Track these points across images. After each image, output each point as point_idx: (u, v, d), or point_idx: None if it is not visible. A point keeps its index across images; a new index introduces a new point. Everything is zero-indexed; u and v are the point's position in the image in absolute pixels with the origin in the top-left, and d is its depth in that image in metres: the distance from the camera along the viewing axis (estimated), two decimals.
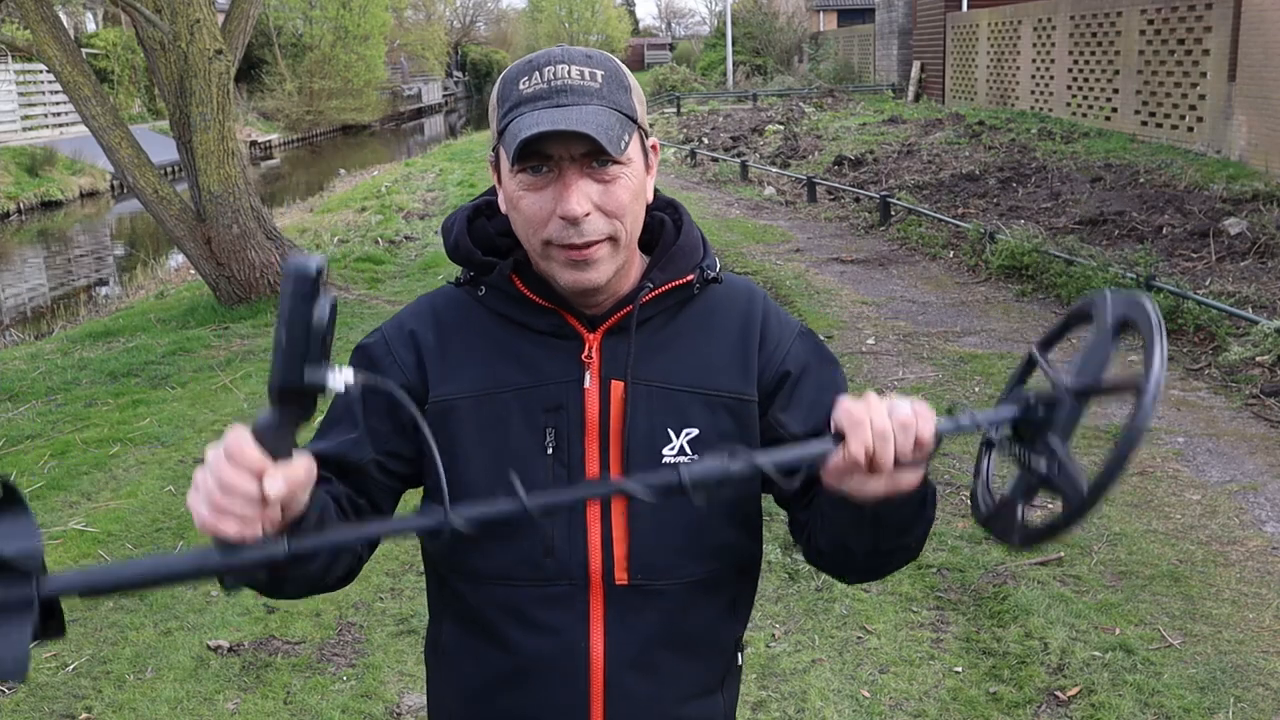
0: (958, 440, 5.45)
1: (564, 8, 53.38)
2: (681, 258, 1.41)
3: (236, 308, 9.02)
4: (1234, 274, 8.03)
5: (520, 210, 1.32)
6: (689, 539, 1.39)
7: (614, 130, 1.27)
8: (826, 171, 15.24)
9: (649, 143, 1.39)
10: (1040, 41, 18.46)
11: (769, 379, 1.42)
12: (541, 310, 1.38)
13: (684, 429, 1.38)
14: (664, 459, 1.37)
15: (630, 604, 1.37)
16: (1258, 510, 4.58)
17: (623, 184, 1.30)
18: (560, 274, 1.33)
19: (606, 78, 1.32)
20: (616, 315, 1.37)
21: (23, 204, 20.83)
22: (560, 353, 1.38)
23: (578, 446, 1.37)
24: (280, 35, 38.90)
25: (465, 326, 1.41)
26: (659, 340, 1.40)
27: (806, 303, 8.53)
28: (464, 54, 69.88)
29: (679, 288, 1.40)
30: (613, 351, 1.38)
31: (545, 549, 1.36)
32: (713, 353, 1.41)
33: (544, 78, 1.29)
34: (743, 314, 1.44)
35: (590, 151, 1.27)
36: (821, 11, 44.33)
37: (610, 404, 1.37)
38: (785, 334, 1.45)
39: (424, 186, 18.02)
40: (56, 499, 5.25)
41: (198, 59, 8.54)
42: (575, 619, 1.37)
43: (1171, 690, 3.33)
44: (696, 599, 1.41)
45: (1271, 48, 11.74)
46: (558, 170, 1.29)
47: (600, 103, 1.29)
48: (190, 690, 3.56)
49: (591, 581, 1.37)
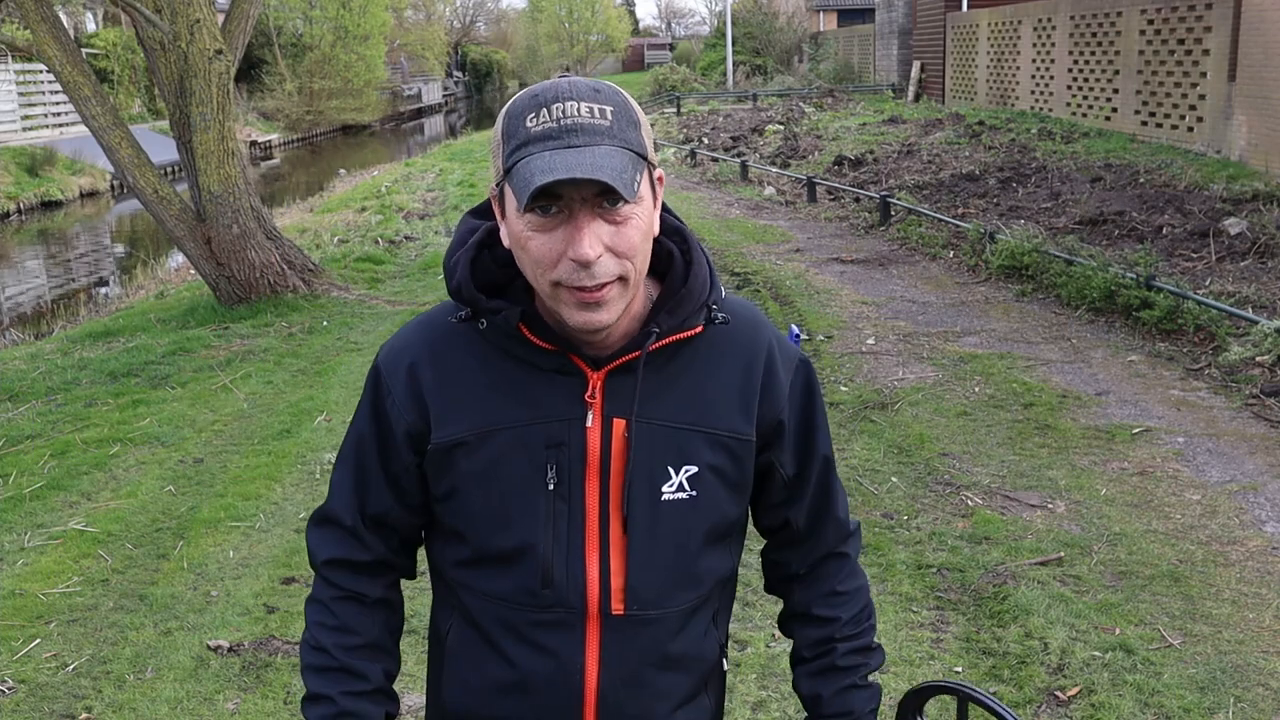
0: (957, 440, 5.45)
1: (564, 8, 53.35)
2: (689, 301, 1.40)
3: (236, 308, 9.02)
4: (1234, 274, 8.03)
5: (529, 251, 1.30)
6: (682, 570, 1.43)
7: (627, 173, 1.24)
8: (826, 171, 15.23)
9: (655, 175, 1.36)
10: (1040, 41, 18.46)
11: (769, 424, 1.47)
12: (546, 352, 1.38)
13: (684, 466, 1.41)
14: (663, 496, 1.40)
15: (625, 632, 1.42)
16: (1258, 510, 4.58)
17: (634, 224, 1.29)
18: (570, 315, 1.31)
19: (616, 114, 1.28)
20: (622, 359, 1.37)
21: (23, 204, 20.84)
22: (563, 390, 1.38)
23: (578, 483, 1.39)
24: (280, 35, 38.90)
25: (466, 363, 1.41)
26: (662, 378, 1.41)
27: (806, 303, 8.53)
28: (464, 54, 69.88)
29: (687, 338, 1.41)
30: (616, 390, 1.38)
31: (544, 580, 1.39)
32: (715, 391, 1.43)
33: (552, 115, 1.26)
34: (747, 353, 1.45)
35: (602, 192, 1.25)
36: (821, 11, 44.32)
37: (612, 442, 1.39)
38: (785, 376, 1.48)
39: (424, 186, 18.03)
40: (56, 499, 5.25)
41: (198, 59, 8.54)
42: (572, 644, 1.41)
43: (1171, 690, 3.33)
44: (686, 622, 1.46)
45: (1271, 48, 11.73)
46: (568, 211, 1.26)
47: (611, 143, 1.26)
48: (190, 690, 3.56)
49: (589, 612, 1.40)
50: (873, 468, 5.19)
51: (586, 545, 1.39)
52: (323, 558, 1.50)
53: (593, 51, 55.02)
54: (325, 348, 7.90)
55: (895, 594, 4.00)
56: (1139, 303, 7.26)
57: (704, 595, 1.47)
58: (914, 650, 3.64)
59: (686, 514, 1.41)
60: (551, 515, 1.38)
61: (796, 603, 1.59)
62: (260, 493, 5.16)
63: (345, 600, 1.50)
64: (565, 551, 1.39)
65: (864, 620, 1.57)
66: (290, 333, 8.37)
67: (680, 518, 1.41)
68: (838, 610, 1.56)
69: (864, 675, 1.55)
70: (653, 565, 1.41)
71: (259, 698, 3.50)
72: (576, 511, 1.39)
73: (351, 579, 1.50)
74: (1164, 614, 3.79)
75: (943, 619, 3.85)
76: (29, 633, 3.98)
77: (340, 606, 1.50)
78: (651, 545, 1.40)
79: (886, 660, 3.57)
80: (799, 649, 1.59)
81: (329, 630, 1.49)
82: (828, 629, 1.55)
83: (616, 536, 1.39)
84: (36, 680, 3.67)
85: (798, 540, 1.57)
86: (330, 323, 8.63)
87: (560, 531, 1.39)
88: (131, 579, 4.39)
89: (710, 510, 1.43)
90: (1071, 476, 4.97)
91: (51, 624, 4.04)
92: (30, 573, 4.46)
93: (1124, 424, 5.60)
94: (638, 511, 1.39)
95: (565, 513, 1.39)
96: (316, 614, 1.51)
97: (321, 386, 6.91)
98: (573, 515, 1.39)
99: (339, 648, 1.48)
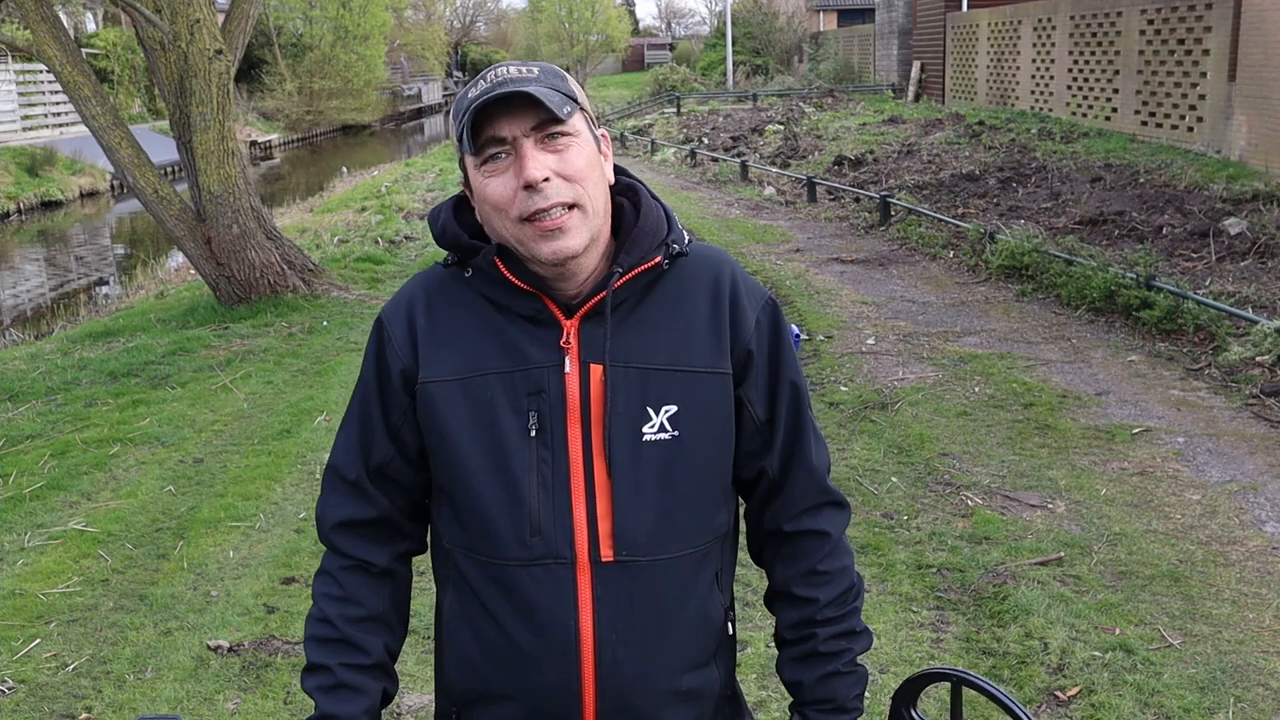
0: (957, 440, 5.45)
1: (564, 8, 53.26)
2: (645, 238, 1.46)
3: (236, 308, 9.02)
4: (1234, 274, 8.03)
5: (489, 198, 1.41)
6: (671, 515, 1.44)
7: (553, 97, 1.38)
8: (826, 171, 15.24)
9: (598, 131, 1.48)
10: (1040, 41, 18.46)
11: (739, 354, 1.49)
12: (522, 294, 1.44)
13: (663, 406, 1.44)
14: (644, 437, 1.43)
15: (617, 581, 1.42)
16: (1258, 510, 4.58)
17: (575, 150, 1.40)
18: (537, 247, 1.39)
19: (543, 70, 1.44)
20: (591, 302, 1.43)
21: (23, 204, 20.84)
22: (540, 338, 1.44)
23: (560, 429, 1.42)
24: (280, 35, 38.91)
25: (454, 308, 1.48)
26: (633, 321, 1.45)
27: (806, 303, 8.53)
28: (464, 54, 69.87)
29: (648, 269, 1.45)
30: (590, 336, 1.43)
31: (532, 528, 1.41)
32: (686, 329, 1.46)
33: (488, 80, 1.41)
34: (713, 287, 1.49)
35: (539, 125, 1.38)
36: (821, 11, 44.31)
37: (590, 387, 1.42)
38: (752, 309, 1.50)
39: (424, 186, 18.03)
40: (56, 499, 5.25)
41: (198, 59, 8.54)
42: (564, 598, 1.41)
43: (1171, 690, 3.33)
44: (682, 573, 1.46)
45: (1271, 48, 11.73)
46: (514, 150, 1.39)
47: (538, 85, 1.40)
48: (190, 690, 3.56)
49: (578, 559, 1.41)
50: (873, 468, 5.19)
51: (572, 491, 1.42)
52: (330, 523, 1.54)
53: (593, 51, 54.97)
54: (325, 348, 7.91)
55: (895, 594, 4.00)
56: (1139, 303, 7.26)
57: (701, 549, 1.47)
58: (914, 650, 3.64)
59: (670, 453, 1.43)
60: (534, 462, 1.42)
61: (778, 580, 1.58)
62: (260, 493, 5.16)
63: (352, 570, 1.52)
64: (551, 498, 1.41)
65: (848, 602, 1.54)
66: (290, 333, 8.37)
67: (664, 457, 1.43)
68: (817, 591, 1.53)
69: (848, 661, 1.53)
70: (639, 507, 1.42)
71: (259, 698, 3.50)
72: (560, 458, 1.42)
73: (359, 544, 1.52)
74: (1164, 614, 3.79)
75: (943, 619, 3.85)
76: (29, 633, 3.98)
77: (347, 576, 1.52)
78: (636, 487, 1.42)
79: (886, 660, 3.58)
80: (780, 630, 1.59)
81: (334, 601, 1.52)
82: (808, 610, 1.54)
83: (601, 481, 1.42)
84: (36, 680, 3.67)
85: (774, 492, 1.55)
86: (330, 323, 8.63)
87: (545, 478, 1.41)
88: (131, 579, 4.39)
89: (694, 449, 1.44)
90: (1071, 476, 4.97)
91: (51, 624, 4.04)
92: (30, 573, 4.46)
93: (1124, 424, 5.60)
94: (620, 454, 1.41)
95: (549, 459, 1.42)
96: (323, 585, 1.53)
97: (321, 386, 6.91)
98: (556, 462, 1.42)
99: (342, 619, 1.50)
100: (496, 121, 1.38)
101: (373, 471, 1.52)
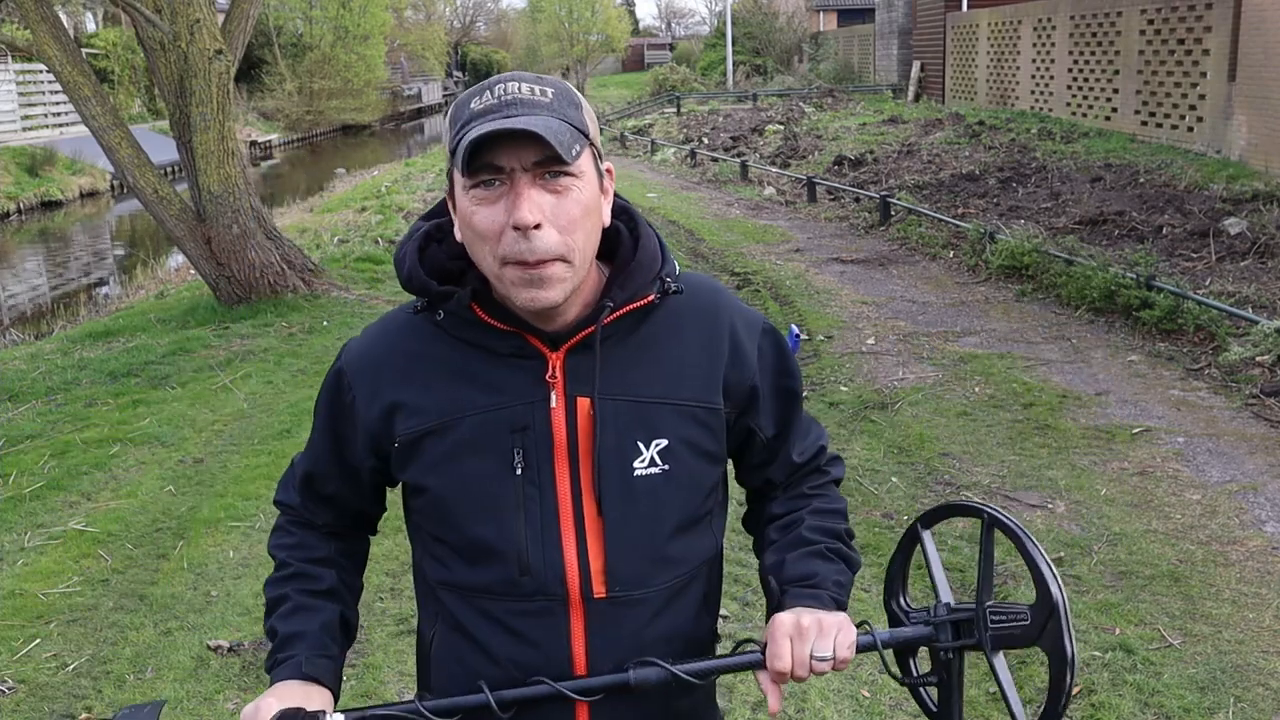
0: (957, 440, 5.45)
1: (564, 8, 53.25)
2: (640, 273, 1.40)
3: (236, 308, 9.02)
4: (1234, 274, 8.02)
5: (474, 226, 1.31)
6: (662, 549, 1.41)
7: (563, 136, 1.27)
8: (826, 171, 15.23)
9: (604, 166, 1.39)
10: (1040, 41, 18.46)
11: (742, 392, 1.46)
12: (502, 334, 1.38)
13: (654, 440, 1.39)
14: (635, 472, 1.38)
15: (609, 615, 1.39)
16: (1258, 510, 4.58)
17: (574, 197, 1.30)
18: (516, 294, 1.32)
19: (557, 94, 1.33)
20: (578, 336, 1.37)
21: (23, 204, 20.84)
22: (523, 372, 1.38)
23: (547, 466, 1.38)
24: (280, 35, 38.90)
25: (425, 355, 1.41)
26: (623, 353, 1.40)
27: (806, 303, 8.53)
28: (464, 54, 69.88)
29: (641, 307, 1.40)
30: (576, 369, 1.38)
31: (521, 568, 1.38)
32: (678, 362, 1.42)
33: (495, 94, 1.31)
34: (708, 323, 1.45)
35: (542, 161, 1.28)
36: (821, 11, 44.30)
37: (578, 421, 1.37)
38: (752, 342, 1.47)
39: (424, 186, 18.02)
40: (56, 499, 5.25)
41: (198, 59, 8.54)
42: (557, 632, 1.39)
43: (1171, 690, 3.33)
44: (672, 603, 1.44)
45: (1271, 48, 11.73)
46: (510, 182, 1.29)
47: (550, 114, 1.29)
48: (190, 690, 3.56)
49: (570, 598, 1.38)
50: (873, 468, 5.19)
51: (562, 529, 1.38)
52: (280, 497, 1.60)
53: (593, 51, 54.97)
54: (325, 348, 7.90)
55: None
56: (1139, 303, 7.26)
57: (688, 575, 1.45)
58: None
59: (661, 488, 1.39)
60: (522, 501, 1.37)
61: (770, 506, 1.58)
62: (260, 493, 5.16)
63: (302, 526, 1.57)
64: (540, 537, 1.37)
65: (839, 519, 1.53)
66: (290, 333, 8.37)
67: (655, 492, 1.39)
68: (809, 502, 1.54)
69: (834, 550, 1.49)
70: (631, 544, 1.39)
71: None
72: (548, 496, 1.37)
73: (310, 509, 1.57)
74: (1164, 614, 3.79)
75: None
76: (29, 633, 3.98)
77: (297, 528, 1.57)
78: (628, 523, 1.38)
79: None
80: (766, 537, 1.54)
81: (288, 548, 1.55)
82: (797, 511, 1.53)
83: (591, 518, 1.38)
84: (36, 680, 3.67)
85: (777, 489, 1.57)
86: (330, 323, 8.63)
87: (533, 517, 1.37)
88: (131, 579, 4.39)
89: (685, 482, 1.41)
90: (1071, 476, 4.97)
91: (51, 624, 4.04)
92: (30, 573, 4.46)
93: (1124, 424, 5.60)
94: (610, 490, 1.37)
95: (536, 497, 1.37)
96: (276, 539, 1.58)
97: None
98: (544, 500, 1.37)
99: (296, 559, 1.53)
100: (496, 149, 1.27)
101: (324, 499, 1.55)
